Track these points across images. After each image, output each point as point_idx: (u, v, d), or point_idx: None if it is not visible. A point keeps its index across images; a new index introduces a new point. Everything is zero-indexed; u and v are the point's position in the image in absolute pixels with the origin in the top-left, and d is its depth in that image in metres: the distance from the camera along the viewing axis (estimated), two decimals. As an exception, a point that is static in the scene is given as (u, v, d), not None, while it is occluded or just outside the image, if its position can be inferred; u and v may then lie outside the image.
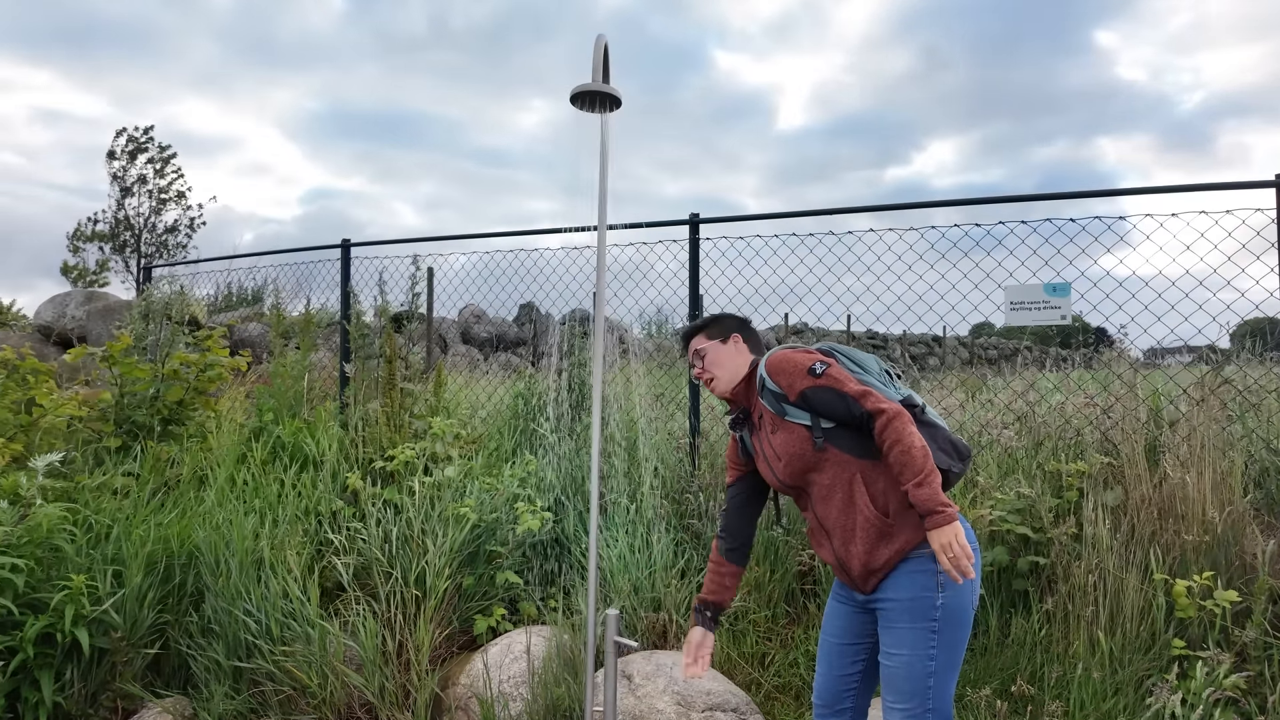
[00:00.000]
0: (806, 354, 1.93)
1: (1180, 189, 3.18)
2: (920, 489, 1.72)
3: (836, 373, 1.86)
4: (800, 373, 1.88)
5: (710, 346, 2.16)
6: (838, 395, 1.83)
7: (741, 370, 2.12)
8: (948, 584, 1.77)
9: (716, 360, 2.14)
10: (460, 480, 3.70)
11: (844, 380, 1.84)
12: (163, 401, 4.38)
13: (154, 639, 3.12)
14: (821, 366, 1.87)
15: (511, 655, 3.05)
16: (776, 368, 1.94)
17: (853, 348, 2.04)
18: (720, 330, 2.20)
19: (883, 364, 2.02)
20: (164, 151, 17.65)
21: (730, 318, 2.24)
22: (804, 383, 1.87)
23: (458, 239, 4.93)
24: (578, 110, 2.34)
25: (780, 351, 1.98)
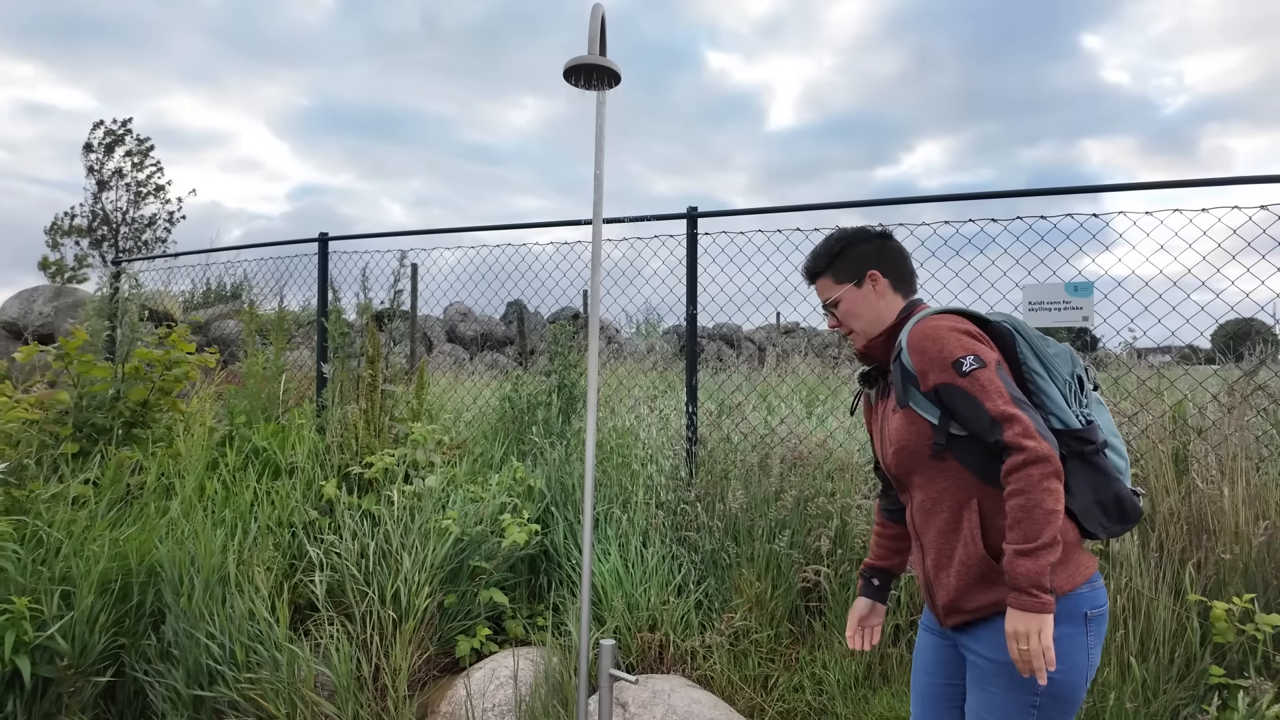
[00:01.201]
0: (962, 336, 1.49)
1: (1189, 184, 3.01)
2: (1023, 559, 1.36)
3: (987, 378, 1.44)
4: (943, 362, 1.47)
5: (843, 294, 1.71)
6: (977, 406, 1.43)
7: (885, 319, 1.68)
8: (1057, 655, 1.38)
9: (853, 311, 1.70)
10: (442, 490, 3.46)
11: (991, 391, 1.42)
12: (125, 402, 4.11)
13: (106, 665, 2.87)
14: (972, 364, 1.44)
15: (497, 681, 2.82)
16: (918, 343, 1.52)
17: (1045, 335, 1.60)
18: (851, 267, 1.70)
19: (1081, 366, 1.58)
20: (142, 144, 17.22)
21: (863, 240, 1.72)
22: (942, 376, 1.47)
23: (439, 233, 4.69)
24: (573, 88, 2.12)
25: (931, 320, 1.54)
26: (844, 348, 12.01)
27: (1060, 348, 1.57)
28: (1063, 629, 1.42)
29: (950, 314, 1.57)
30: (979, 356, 1.46)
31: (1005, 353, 1.54)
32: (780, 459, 3.63)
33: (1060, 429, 1.49)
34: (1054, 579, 1.40)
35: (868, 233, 1.76)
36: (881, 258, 1.71)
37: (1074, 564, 1.48)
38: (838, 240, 1.75)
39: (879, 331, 1.69)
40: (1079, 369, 1.58)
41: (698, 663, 3.02)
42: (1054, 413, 1.50)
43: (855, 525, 3.27)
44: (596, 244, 2.26)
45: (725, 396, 4.33)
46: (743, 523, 3.41)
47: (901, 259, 1.73)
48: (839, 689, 2.88)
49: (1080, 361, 1.59)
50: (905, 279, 1.72)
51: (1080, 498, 1.47)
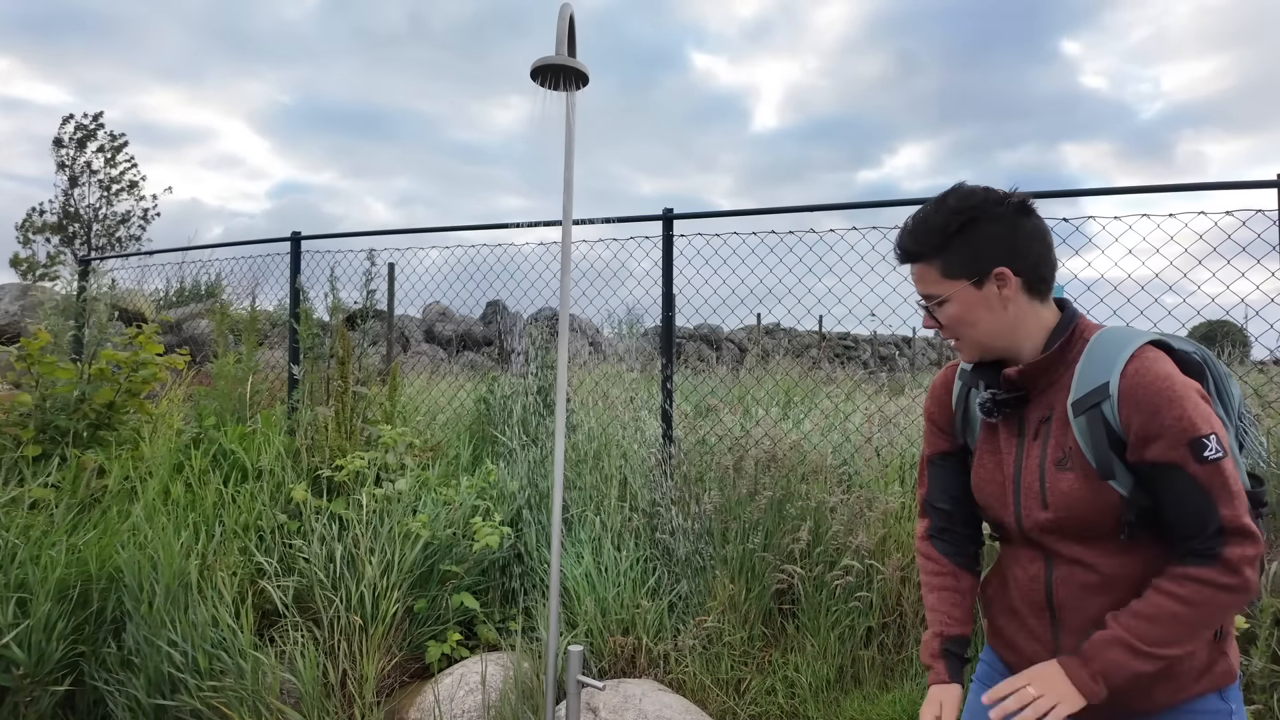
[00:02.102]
0: (1199, 397, 1.13)
1: (1180, 188, 3.05)
2: (1125, 653, 1.13)
3: (1231, 472, 1.11)
4: (1180, 435, 1.11)
5: (955, 292, 1.26)
6: (1206, 504, 1.11)
7: (1016, 333, 1.27)
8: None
9: (965, 318, 1.27)
10: (413, 493, 3.42)
11: (1234, 493, 1.11)
12: (89, 404, 4.03)
13: (65, 674, 2.80)
14: (1216, 451, 1.10)
15: (466, 687, 2.79)
16: (1148, 398, 1.13)
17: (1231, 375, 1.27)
18: (972, 256, 1.24)
19: (1243, 406, 1.29)
20: (115, 140, 16.93)
21: (994, 218, 1.24)
22: (1173, 454, 1.12)
23: (413, 233, 4.65)
24: (541, 88, 2.10)
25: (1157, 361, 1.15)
26: (824, 349, 12.05)
27: (1237, 388, 1.27)
28: (1235, 698, 1.22)
29: (1154, 346, 1.18)
30: (1220, 439, 1.10)
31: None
32: (755, 461, 3.62)
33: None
34: (1230, 655, 1.21)
35: (1002, 204, 1.25)
36: (1016, 246, 1.24)
37: (1232, 653, 1.22)
38: (956, 211, 1.25)
39: (997, 348, 1.29)
40: (1239, 407, 1.28)
41: (670, 666, 3.01)
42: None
43: (830, 527, 3.27)
44: (566, 245, 2.24)
45: (701, 399, 4.33)
46: (717, 524, 3.41)
47: (1046, 247, 1.27)
48: (811, 692, 2.88)
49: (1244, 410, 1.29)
50: (1047, 278, 1.27)
51: None
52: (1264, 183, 2.91)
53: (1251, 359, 4.71)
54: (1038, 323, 1.28)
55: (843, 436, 3.94)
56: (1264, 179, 2.93)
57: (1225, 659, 1.21)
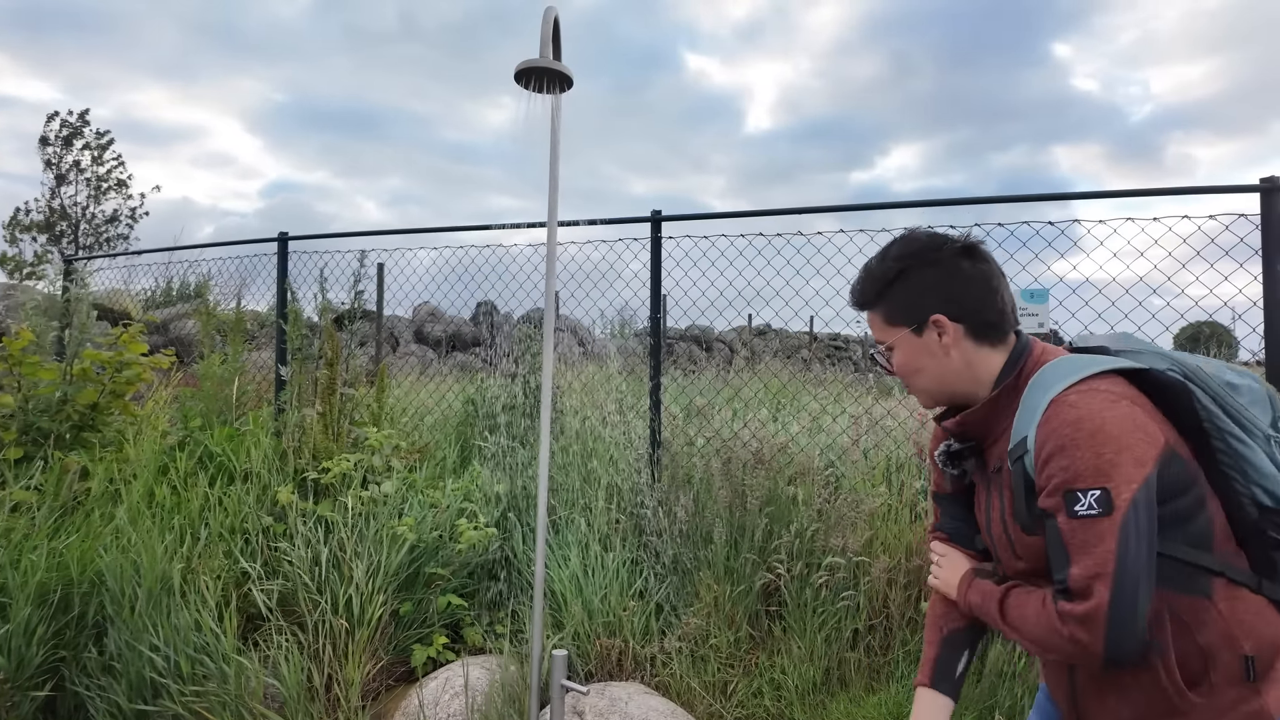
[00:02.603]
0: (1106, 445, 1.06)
1: (1166, 192, 3.06)
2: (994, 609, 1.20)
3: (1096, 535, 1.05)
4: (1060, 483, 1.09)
5: (899, 340, 1.28)
6: (1062, 554, 1.09)
7: (962, 378, 1.26)
8: None
9: (912, 366, 1.28)
10: (399, 495, 3.41)
11: (1105, 538, 1.04)
12: (73, 405, 3.99)
13: (45, 679, 2.77)
14: (1093, 508, 1.05)
15: (451, 690, 2.78)
16: (1055, 436, 1.09)
17: (1242, 375, 1.19)
18: (909, 304, 1.25)
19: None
20: (101, 137, 16.79)
21: (930, 263, 1.24)
22: (1049, 500, 1.10)
23: (401, 233, 4.62)
24: (526, 91, 2.09)
25: (1075, 399, 1.10)
26: (815, 350, 12.05)
27: (1252, 389, 1.18)
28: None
29: (1100, 380, 1.12)
30: (1109, 496, 1.04)
31: (1175, 412, 1.15)
32: (743, 463, 3.63)
33: (1271, 505, 1.13)
34: (1272, 696, 1.10)
35: (939, 250, 1.25)
36: (955, 292, 1.23)
37: (1271, 696, 1.12)
38: (896, 259, 1.26)
39: (951, 393, 1.28)
40: (1279, 411, 1.18)
41: (657, 669, 3.00)
42: (1258, 483, 1.13)
43: (817, 529, 3.27)
44: (551, 247, 2.23)
45: (689, 400, 4.32)
46: (703, 526, 3.40)
47: (987, 292, 1.23)
48: (797, 694, 2.88)
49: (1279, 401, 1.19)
50: (992, 323, 1.23)
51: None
52: (1247, 187, 2.93)
53: (1237, 360, 4.75)
54: (987, 368, 1.25)
55: (830, 438, 3.95)
56: (1248, 184, 2.94)
57: (1257, 699, 1.10)
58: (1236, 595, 1.13)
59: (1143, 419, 1.10)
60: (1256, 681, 1.11)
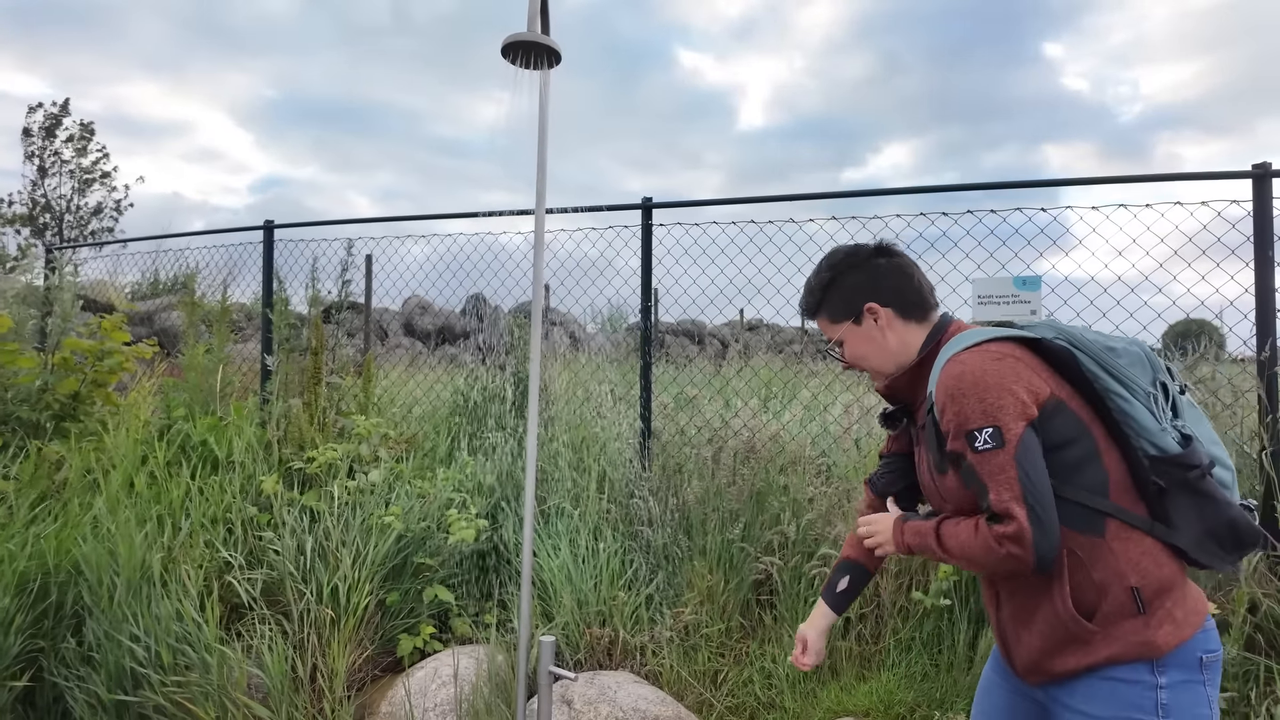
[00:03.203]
0: (989, 392, 1.24)
1: (1159, 178, 3.05)
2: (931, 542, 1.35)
3: (999, 464, 1.22)
4: (959, 428, 1.27)
5: (845, 333, 1.51)
6: (980, 487, 1.25)
7: (901, 355, 1.47)
8: (1173, 709, 1.23)
9: (858, 352, 1.50)
10: (386, 485, 3.36)
11: (996, 469, 1.23)
12: (53, 395, 3.92)
13: (23, 669, 2.71)
14: (987, 442, 1.23)
15: (439, 680, 2.74)
16: (942, 395, 1.30)
17: (1122, 340, 1.34)
18: (845, 301, 1.49)
19: (1161, 369, 1.34)
20: (84, 129, 16.57)
21: (852, 267, 1.49)
22: (955, 443, 1.29)
23: (388, 221, 4.57)
24: (513, 67, 2.05)
25: (962, 359, 1.30)
26: (805, 344, 12.07)
27: (1130, 352, 1.32)
28: (1176, 675, 1.24)
29: (991, 344, 1.32)
30: (1000, 431, 1.23)
31: (1069, 376, 1.31)
32: (734, 452, 3.60)
33: (1157, 455, 1.27)
34: (1162, 632, 1.24)
35: (858, 255, 1.51)
36: (879, 284, 1.47)
37: (1181, 611, 1.27)
38: (826, 270, 1.52)
39: (896, 370, 1.48)
40: (1160, 374, 1.33)
41: (647, 658, 2.97)
42: (1144, 436, 1.27)
43: (808, 517, 3.25)
44: (539, 228, 2.19)
45: (680, 390, 4.29)
46: (695, 516, 3.38)
47: (904, 278, 1.48)
48: (788, 683, 2.86)
49: (1160, 364, 1.34)
50: (914, 302, 1.47)
51: (1188, 531, 1.27)
52: (1239, 173, 2.93)
53: (1226, 351, 4.76)
54: (918, 342, 1.47)
55: (821, 427, 3.93)
56: (1240, 169, 2.94)
57: (1145, 631, 1.24)
58: (1129, 536, 1.27)
59: (1025, 372, 1.28)
60: (1147, 614, 1.25)
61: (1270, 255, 2.87)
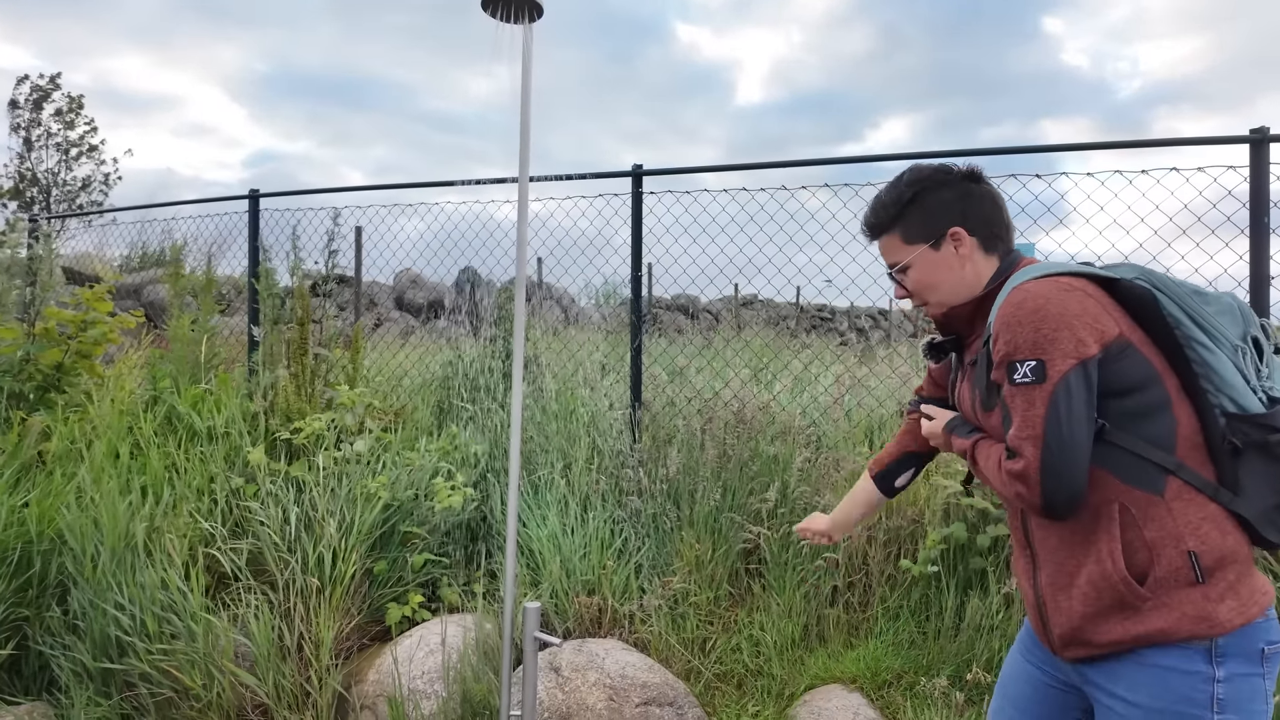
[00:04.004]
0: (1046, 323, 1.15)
1: (1152, 143, 3.01)
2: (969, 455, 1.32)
3: (1028, 400, 1.15)
4: (1003, 357, 1.19)
5: (916, 258, 1.37)
6: (1007, 411, 1.19)
7: (973, 287, 1.35)
8: (1229, 704, 1.11)
9: (928, 280, 1.37)
10: (373, 455, 3.34)
11: (1025, 405, 1.15)
12: (36, 365, 3.87)
13: (7, 638, 2.70)
14: (1027, 376, 1.15)
15: (426, 648, 2.74)
16: (1004, 315, 1.20)
17: (1205, 290, 1.22)
18: (927, 221, 1.35)
19: (1255, 324, 1.22)
20: (73, 101, 16.29)
21: (942, 184, 1.36)
22: (998, 374, 1.22)
23: (376, 189, 4.50)
24: (494, 20, 1.99)
25: (1028, 286, 1.19)
26: (801, 320, 12.01)
27: (1221, 300, 1.21)
28: (1235, 667, 1.12)
29: (1064, 276, 1.21)
30: (1043, 365, 1.14)
31: (1146, 320, 1.19)
32: (724, 423, 3.58)
33: (1235, 412, 1.15)
34: (1224, 606, 1.13)
35: (948, 173, 1.37)
36: (968, 208, 1.34)
37: (1246, 589, 1.15)
38: (909, 184, 1.37)
39: (964, 302, 1.36)
40: (1253, 328, 1.21)
41: (636, 626, 2.98)
42: (1224, 392, 1.16)
43: (796, 488, 3.24)
44: (522, 190, 2.15)
45: (670, 361, 4.27)
46: (684, 486, 3.37)
47: (995, 207, 1.36)
48: (776, 650, 2.86)
49: (1254, 318, 1.22)
50: (999, 234, 1.35)
51: (1258, 500, 1.14)
52: (1236, 138, 2.88)
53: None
54: (989, 275, 1.36)
55: (811, 398, 3.91)
56: (1237, 134, 2.89)
57: (1204, 604, 1.12)
58: (1191, 498, 1.16)
59: (1093, 307, 1.17)
60: (1206, 585, 1.13)
61: (1266, 222, 2.84)
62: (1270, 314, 2.89)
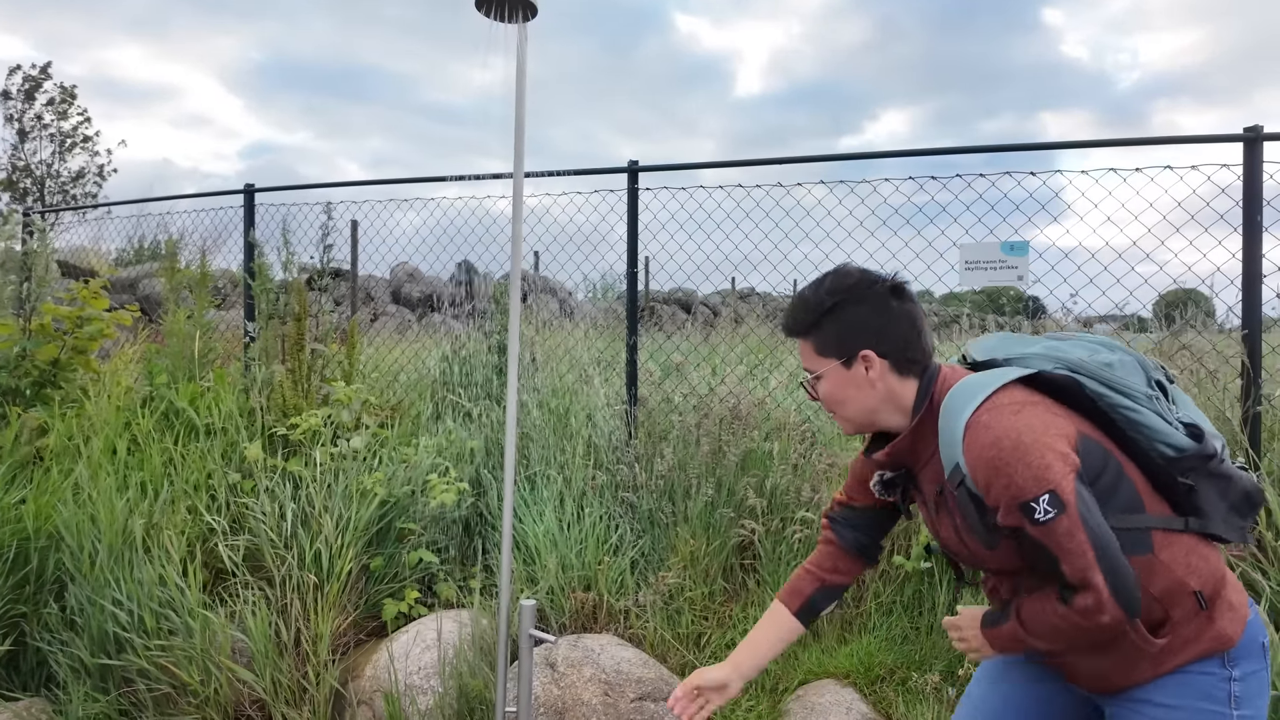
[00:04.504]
0: (1029, 452, 1.15)
1: (1147, 141, 3.02)
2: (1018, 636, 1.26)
3: (1065, 530, 1.14)
4: (1011, 502, 1.17)
5: (827, 371, 1.35)
6: (1052, 561, 1.16)
7: (882, 410, 1.35)
8: (1245, 700, 1.22)
9: (837, 396, 1.36)
10: (370, 451, 3.35)
11: (1071, 551, 1.14)
12: (32, 361, 3.87)
13: (5, 634, 2.71)
14: (1047, 511, 1.13)
15: (422, 644, 2.76)
16: (983, 469, 1.18)
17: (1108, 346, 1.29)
18: (840, 338, 1.33)
19: (1153, 367, 1.30)
20: (65, 91, 16.19)
21: (860, 300, 1.32)
22: (1010, 518, 1.18)
23: (371, 184, 4.49)
24: (488, 20, 1.99)
25: (987, 422, 1.19)
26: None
27: (1124, 361, 1.27)
28: (1246, 666, 1.24)
29: (1000, 395, 1.22)
30: (1056, 495, 1.13)
31: (1074, 402, 1.25)
32: (719, 419, 3.59)
33: (1174, 455, 1.24)
34: (1226, 620, 1.24)
35: (870, 286, 1.32)
36: (884, 328, 1.31)
37: (1236, 596, 1.27)
38: (830, 292, 1.33)
39: (872, 422, 1.37)
40: (1154, 373, 1.29)
41: (631, 622, 3.00)
42: (1156, 440, 1.24)
43: (790, 483, 3.26)
44: (517, 191, 2.15)
45: (666, 357, 4.28)
46: (679, 482, 3.38)
47: (911, 327, 1.32)
48: (770, 645, 2.88)
49: (1150, 362, 1.30)
50: (914, 357, 1.32)
51: (1216, 514, 1.25)
52: (1229, 137, 2.89)
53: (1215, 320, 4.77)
54: (907, 397, 1.34)
55: (808, 394, 3.92)
56: (1231, 133, 2.90)
57: (1213, 626, 1.23)
58: (1172, 542, 1.23)
59: (1049, 416, 1.21)
60: (1211, 610, 1.23)
61: (1259, 220, 2.85)
62: (1263, 310, 2.90)
